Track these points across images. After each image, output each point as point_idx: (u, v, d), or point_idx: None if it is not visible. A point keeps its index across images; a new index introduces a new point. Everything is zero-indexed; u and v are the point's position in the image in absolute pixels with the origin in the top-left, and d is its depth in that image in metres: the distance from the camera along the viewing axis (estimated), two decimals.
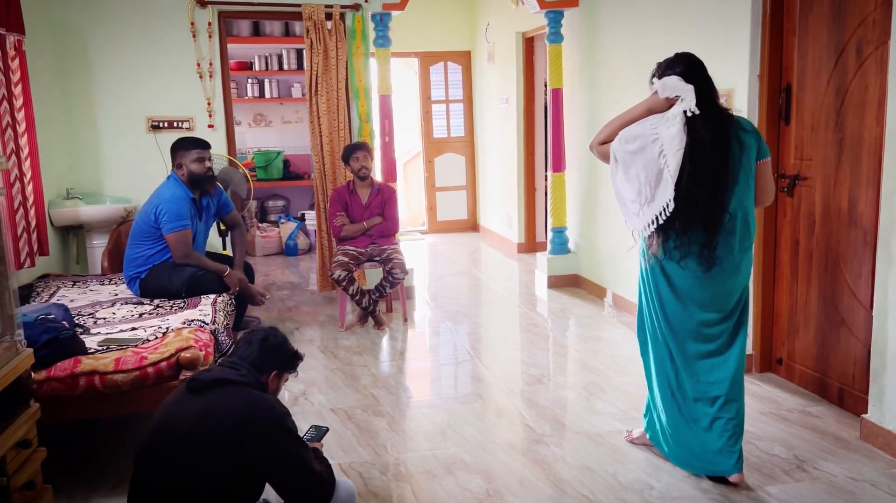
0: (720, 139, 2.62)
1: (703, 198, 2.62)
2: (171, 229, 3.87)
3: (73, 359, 2.78)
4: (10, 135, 3.76)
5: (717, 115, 2.65)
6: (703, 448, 2.83)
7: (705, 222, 2.64)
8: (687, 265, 2.70)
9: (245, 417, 2.19)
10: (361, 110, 5.49)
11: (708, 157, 2.61)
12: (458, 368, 4.27)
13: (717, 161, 2.62)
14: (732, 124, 2.68)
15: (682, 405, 2.88)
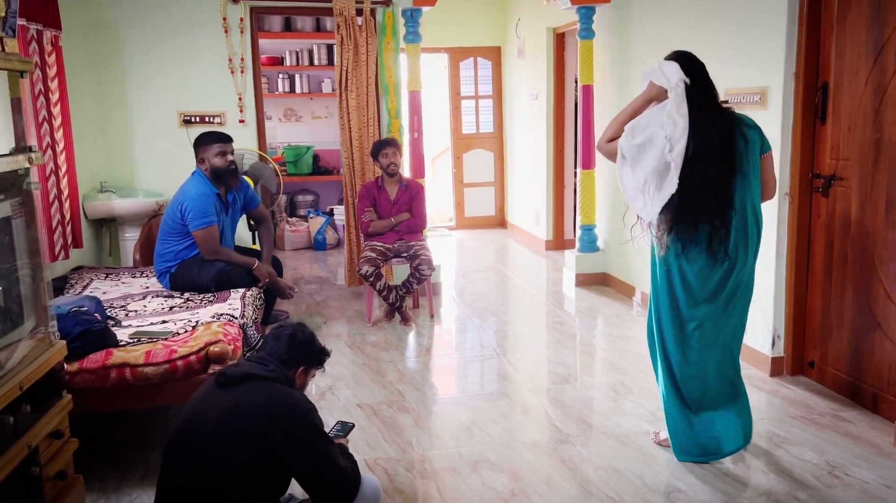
0: (724, 136, 2.68)
1: (710, 193, 2.68)
2: (197, 226, 3.91)
3: (105, 352, 2.83)
4: (46, 129, 3.83)
5: (719, 113, 2.72)
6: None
7: (712, 217, 2.70)
8: (697, 258, 2.77)
9: (272, 412, 2.20)
10: (391, 106, 5.50)
11: (713, 154, 2.67)
12: (483, 366, 4.26)
13: (722, 157, 2.68)
14: (735, 121, 2.74)
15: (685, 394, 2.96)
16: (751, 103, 3.96)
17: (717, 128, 2.69)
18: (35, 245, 2.34)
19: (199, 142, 4.07)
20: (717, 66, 4.26)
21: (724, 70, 4.21)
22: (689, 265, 2.80)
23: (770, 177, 2.84)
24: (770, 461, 3.01)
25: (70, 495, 2.36)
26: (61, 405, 2.38)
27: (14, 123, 2.24)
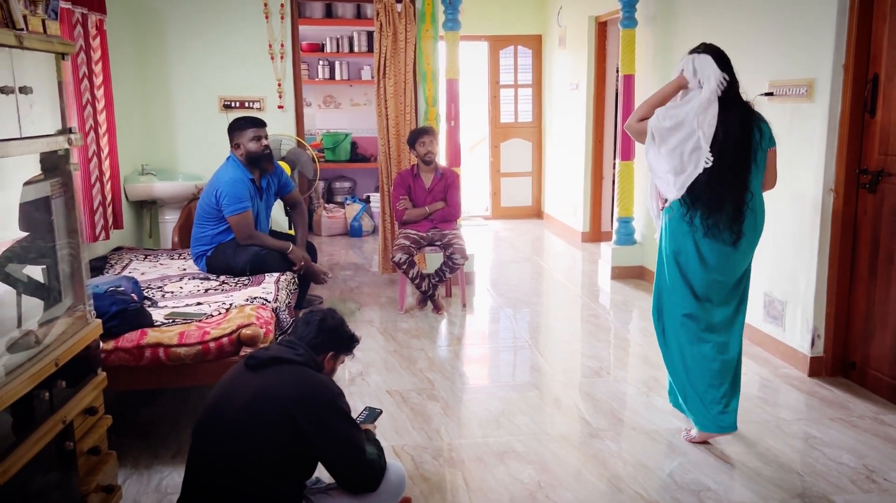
0: (745, 127, 2.90)
1: (730, 178, 2.89)
2: (232, 212, 3.95)
3: (140, 331, 2.88)
4: (90, 111, 3.90)
5: (742, 106, 2.94)
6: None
7: (733, 200, 2.91)
8: (716, 237, 2.94)
9: (299, 395, 2.22)
10: (428, 94, 5.48)
11: (735, 144, 2.88)
12: (515, 356, 4.24)
13: (742, 147, 2.90)
14: (753, 114, 2.96)
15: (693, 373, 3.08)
16: (796, 96, 3.85)
17: (740, 120, 2.89)
18: (74, 225, 2.38)
19: (233, 127, 4.10)
20: (761, 57, 4.17)
21: (769, 61, 4.10)
22: (706, 245, 2.96)
23: (773, 169, 3.04)
24: (806, 463, 2.94)
25: (103, 470, 2.41)
26: (96, 382, 2.43)
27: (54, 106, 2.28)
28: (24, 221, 2.20)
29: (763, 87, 4.11)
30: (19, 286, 2.27)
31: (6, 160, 1.99)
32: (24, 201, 2.22)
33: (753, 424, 3.26)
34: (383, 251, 5.65)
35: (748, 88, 4.27)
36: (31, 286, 2.30)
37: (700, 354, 3.04)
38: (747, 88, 4.29)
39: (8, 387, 1.87)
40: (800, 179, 3.88)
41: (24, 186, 2.22)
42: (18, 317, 2.22)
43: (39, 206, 2.26)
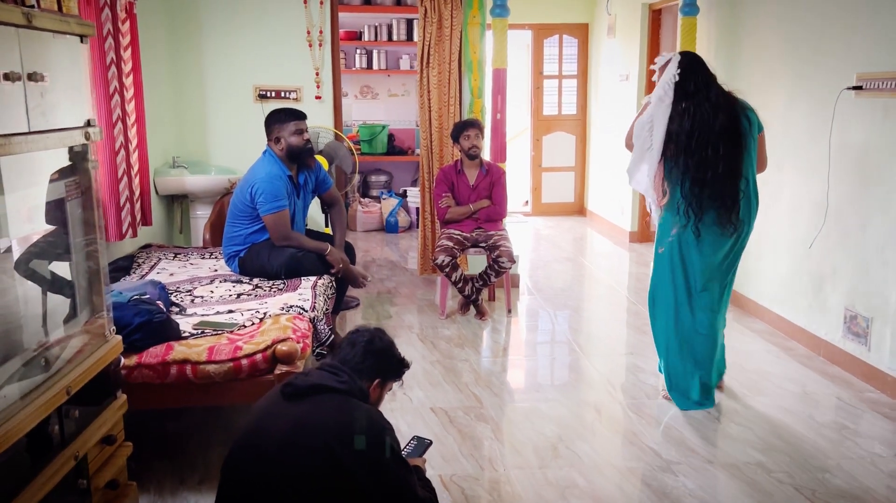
0: (728, 117, 3.04)
1: (725, 169, 3.04)
2: (268, 210, 3.67)
3: (166, 346, 2.61)
4: (118, 101, 3.65)
5: (720, 98, 3.07)
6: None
7: (731, 190, 3.07)
8: (715, 229, 3.12)
9: (342, 431, 1.93)
10: (474, 84, 5.15)
11: (715, 133, 3.02)
12: (566, 372, 3.91)
13: (733, 137, 3.05)
14: (738, 103, 3.12)
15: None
16: (889, 90, 3.45)
17: (718, 111, 3.02)
18: (92, 230, 2.11)
19: (272, 119, 3.82)
20: (848, 47, 3.76)
21: (857, 51, 3.71)
22: (705, 237, 3.13)
23: (763, 153, 3.29)
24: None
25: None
26: (115, 407, 2.17)
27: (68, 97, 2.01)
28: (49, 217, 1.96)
29: (849, 80, 3.72)
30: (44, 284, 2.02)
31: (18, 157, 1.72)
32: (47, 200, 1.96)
33: (846, 460, 2.90)
34: (423, 251, 5.35)
35: (830, 82, 3.91)
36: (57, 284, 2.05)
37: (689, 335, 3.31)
38: (829, 82, 3.93)
39: (9, 424, 1.60)
40: (888, 184, 3.49)
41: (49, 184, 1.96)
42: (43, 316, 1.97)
43: (53, 208, 1.99)
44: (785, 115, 4.40)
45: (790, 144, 4.35)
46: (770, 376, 3.77)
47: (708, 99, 3.06)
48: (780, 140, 4.44)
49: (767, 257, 4.59)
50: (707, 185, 3.05)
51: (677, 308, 3.31)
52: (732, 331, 4.45)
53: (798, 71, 4.26)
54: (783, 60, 4.42)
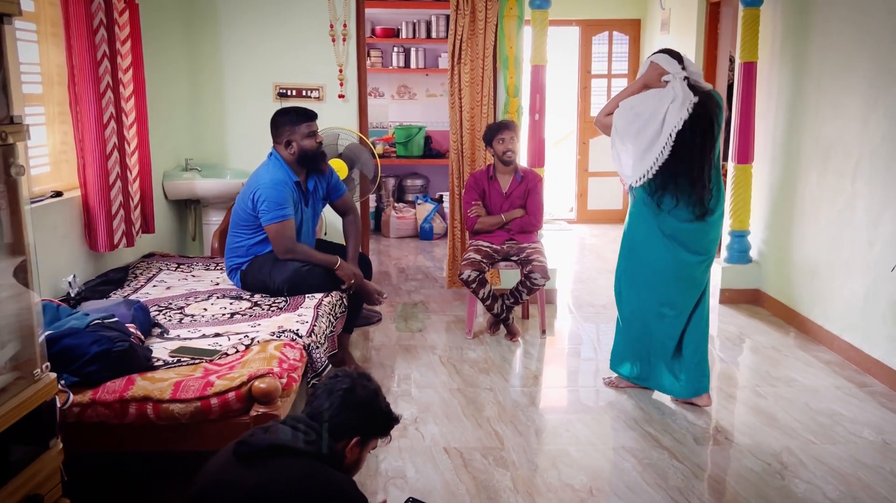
0: (707, 112, 3.11)
1: (700, 160, 3.13)
2: (270, 219, 3.31)
3: (126, 379, 2.26)
4: (111, 98, 3.33)
5: (702, 93, 3.13)
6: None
7: (705, 179, 3.15)
8: (680, 215, 3.20)
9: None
10: (510, 83, 4.72)
11: (703, 129, 3.10)
12: (605, 408, 3.43)
13: (708, 129, 3.12)
14: (712, 97, 3.17)
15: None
16: None
17: (701, 105, 3.09)
18: (20, 248, 1.77)
19: (282, 120, 3.45)
20: None
21: None
22: (677, 218, 3.21)
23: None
24: None
25: None
26: (46, 459, 1.81)
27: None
28: None
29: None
30: None
31: None
32: None
33: None
34: (451, 263, 4.93)
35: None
36: None
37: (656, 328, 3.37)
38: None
39: None
40: None
41: None
42: None
43: None
44: (862, 116, 3.85)
45: (867, 150, 3.80)
46: (842, 420, 3.24)
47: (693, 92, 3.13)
48: (855, 145, 3.90)
49: (839, 278, 4.03)
50: (688, 178, 3.15)
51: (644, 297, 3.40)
52: (796, 362, 3.92)
53: (878, 65, 3.71)
54: (860, 54, 3.87)
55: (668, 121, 3.05)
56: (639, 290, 3.38)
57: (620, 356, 3.55)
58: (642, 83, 3.25)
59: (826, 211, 4.19)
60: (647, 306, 3.37)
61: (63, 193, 3.25)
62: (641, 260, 3.35)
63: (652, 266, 3.32)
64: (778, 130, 4.75)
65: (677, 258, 3.27)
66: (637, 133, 3.13)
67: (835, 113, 4.11)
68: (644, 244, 3.32)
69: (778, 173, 4.76)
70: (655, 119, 3.08)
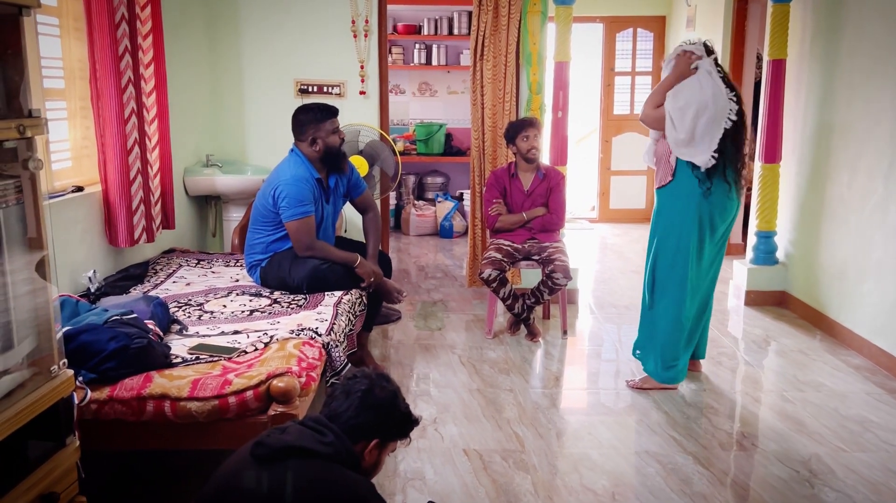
0: (737, 97, 3.30)
1: (738, 142, 3.29)
2: (291, 216, 3.28)
3: (144, 377, 2.24)
4: (132, 93, 3.32)
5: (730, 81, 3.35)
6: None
7: (740, 160, 3.32)
8: (727, 196, 3.33)
9: None
10: (532, 79, 4.66)
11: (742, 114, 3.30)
12: (628, 411, 3.37)
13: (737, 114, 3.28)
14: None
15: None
16: None
17: (734, 91, 3.29)
18: (38, 244, 1.75)
19: (306, 118, 3.41)
20: None
21: None
22: (720, 201, 3.31)
23: None
24: None
25: None
26: (62, 457, 1.79)
27: (6, 79, 1.64)
28: None
29: None
30: None
31: None
32: None
33: None
34: (471, 261, 4.88)
35: None
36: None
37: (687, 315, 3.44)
38: None
39: None
40: None
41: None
42: None
43: None
44: (893, 115, 3.74)
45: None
46: (873, 427, 3.15)
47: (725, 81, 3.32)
48: (888, 144, 3.79)
49: (869, 280, 3.93)
50: (739, 157, 3.31)
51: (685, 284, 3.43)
52: (824, 366, 3.83)
53: None
54: (893, 51, 3.76)
55: (720, 104, 3.19)
56: (683, 282, 3.39)
57: (674, 354, 3.48)
58: (677, 74, 3.30)
59: (856, 212, 4.09)
60: (693, 295, 3.45)
61: (84, 188, 3.25)
62: (687, 251, 3.35)
63: (694, 257, 3.37)
64: (807, 129, 4.65)
65: (713, 243, 3.40)
66: (688, 116, 3.20)
67: (866, 111, 4.01)
68: (689, 235, 3.34)
69: (806, 173, 4.65)
70: (711, 103, 3.18)
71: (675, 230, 3.39)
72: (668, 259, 3.42)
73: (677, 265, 3.39)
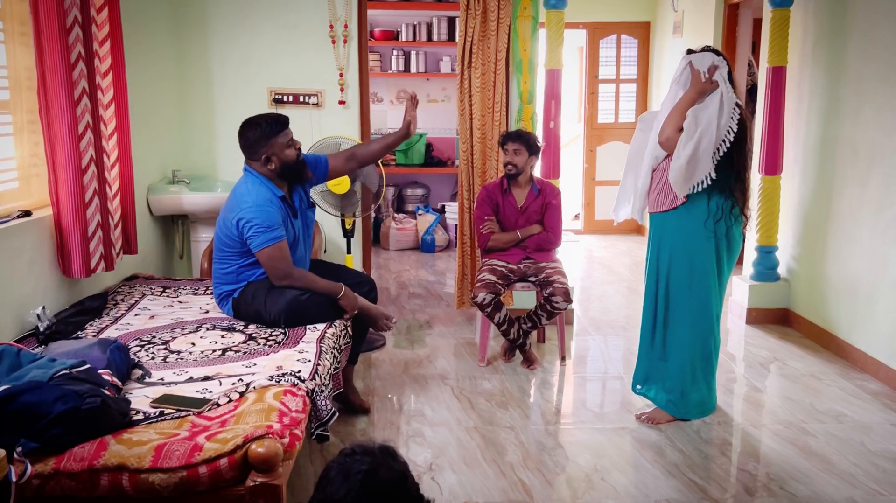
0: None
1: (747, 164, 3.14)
2: (261, 244, 2.94)
3: (98, 443, 1.90)
4: (87, 105, 2.97)
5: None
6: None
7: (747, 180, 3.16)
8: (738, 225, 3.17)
9: None
10: (523, 88, 4.38)
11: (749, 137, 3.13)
12: (642, 451, 3.07)
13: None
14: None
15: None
16: None
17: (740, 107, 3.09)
18: None
19: (253, 135, 3.02)
20: None
21: None
22: (736, 228, 3.17)
23: None
24: None
25: None
26: None
27: None
28: None
29: None
30: None
31: None
32: None
33: None
34: (460, 281, 4.58)
35: None
36: None
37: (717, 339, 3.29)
38: None
39: None
40: None
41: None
42: None
43: None
44: None
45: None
46: None
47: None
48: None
49: (886, 299, 3.71)
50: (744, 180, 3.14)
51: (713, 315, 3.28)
52: (840, 392, 3.59)
53: None
54: None
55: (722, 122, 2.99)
56: (707, 307, 3.21)
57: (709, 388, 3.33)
58: (696, 92, 3.04)
59: (869, 226, 3.87)
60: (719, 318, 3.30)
61: (32, 213, 2.88)
62: (707, 274, 3.17)
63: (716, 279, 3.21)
64: (810, 139, 4.44)
65: (721, 262, 3.21)
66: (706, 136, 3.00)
67: (878, 120, 3.79)
68: (708, 257, 3.16)
69: (810, 185, 4.44)
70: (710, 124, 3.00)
71: (686, 253, 3.16)
72: (682, 284, 3.19)
73: (696, 290, 3.18)
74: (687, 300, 3.19)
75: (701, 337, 3.21)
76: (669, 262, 3.21)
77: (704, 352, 3.24)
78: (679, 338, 3.22)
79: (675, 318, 3.23)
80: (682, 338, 3.21)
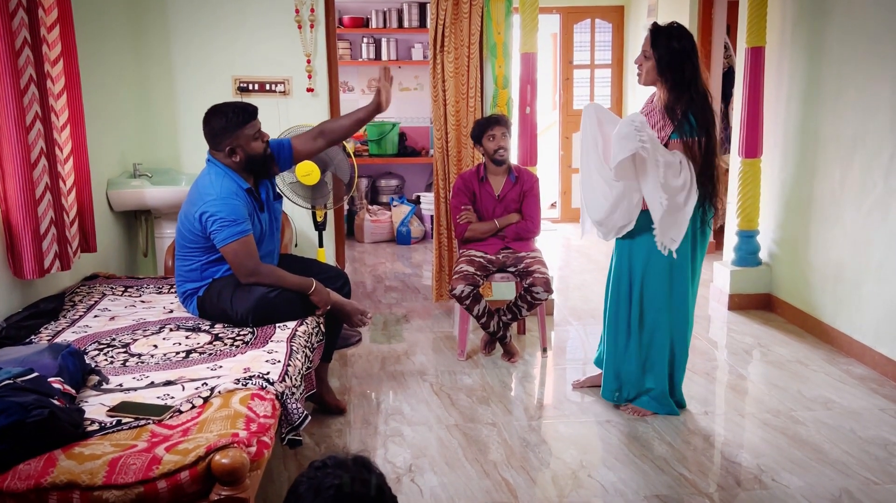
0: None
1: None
2: (226, 239, 2.78)
3: (46, 459, 1.74)
4: (35, 95, 2.78)
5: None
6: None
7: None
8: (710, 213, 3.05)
9: None
10: (498, 73, 4.25)
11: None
12: (629, 445, 2.96)
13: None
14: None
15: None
16: None
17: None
18: None
19: (218, 125, 2.85)
20: None
21: None
22: (709, 216, 3.06)
23: None
24: None
25: None
26: None
27: None
28: None
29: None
30: None
31: None
32: None
33: None
34: (437, 273, 4.45)
35: None
36: None
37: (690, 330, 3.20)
38: None
39: None
40: None
41: None
42: None
43: None
44: (892, 105, 3.46)
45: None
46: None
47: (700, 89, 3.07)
48: (889, 137, 3.51)
49: (870, 283, 3.65)
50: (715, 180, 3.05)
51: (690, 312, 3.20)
52: (827, 377, 3.52)
53: None
54: (890, 37, 3.47)
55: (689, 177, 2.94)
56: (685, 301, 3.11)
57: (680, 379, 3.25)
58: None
59: (852, 209, 3.80)
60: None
61: None
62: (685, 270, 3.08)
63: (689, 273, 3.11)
64: (790, 122, 4.36)
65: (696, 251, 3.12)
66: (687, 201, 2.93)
67: (861, 102, 3.72)
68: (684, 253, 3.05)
69: (791, 168, 4.36)
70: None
71: (664, 258, 2.99)
72: (661, 289, 3.06)
73: (676, 292, 3.07)
74: (667, 305, 3.08)
75: (680, 331, 3.13)
76: (645, 266, 3.05)
77: (683, 344, 3.15)
78: (658, 340, 3.11)
79: (652, 322, 3.10)
80: (661, 340, 3.10)
